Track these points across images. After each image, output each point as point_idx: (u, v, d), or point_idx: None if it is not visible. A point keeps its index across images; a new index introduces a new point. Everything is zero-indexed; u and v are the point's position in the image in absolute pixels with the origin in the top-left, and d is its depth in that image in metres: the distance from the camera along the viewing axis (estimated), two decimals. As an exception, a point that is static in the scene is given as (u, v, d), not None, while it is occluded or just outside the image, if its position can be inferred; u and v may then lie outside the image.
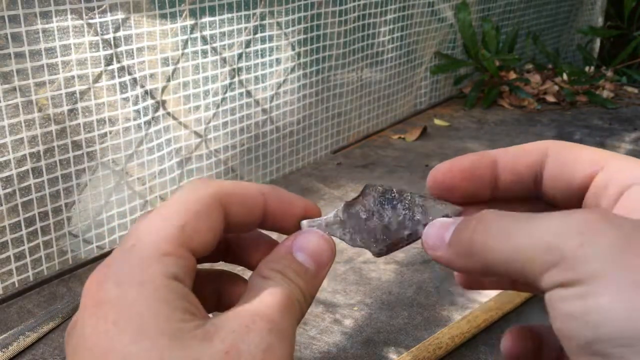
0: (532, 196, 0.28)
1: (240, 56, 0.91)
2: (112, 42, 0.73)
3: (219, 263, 0.32)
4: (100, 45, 0.71)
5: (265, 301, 0.25)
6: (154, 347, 0.21)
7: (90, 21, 0.70)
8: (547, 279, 0.21)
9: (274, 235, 0.32)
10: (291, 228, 0.30)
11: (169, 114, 0.83)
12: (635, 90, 1.63)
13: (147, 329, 0.21)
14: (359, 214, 0.29)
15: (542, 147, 0.27)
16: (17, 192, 0.67)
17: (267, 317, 0.24)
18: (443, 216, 0.28)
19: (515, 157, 0.28)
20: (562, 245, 0.21)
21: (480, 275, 0.26)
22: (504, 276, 0.24)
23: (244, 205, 0.27)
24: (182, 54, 0.82)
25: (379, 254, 0.29)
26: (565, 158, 0.27)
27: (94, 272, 0.24)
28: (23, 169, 0.68)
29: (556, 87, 1.55)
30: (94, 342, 0.22)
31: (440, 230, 0.26)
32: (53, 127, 0.69)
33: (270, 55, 0.95)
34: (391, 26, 1.22)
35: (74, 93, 0.70)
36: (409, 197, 0.28)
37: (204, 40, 0.84)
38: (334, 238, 0.29)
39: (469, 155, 0.28)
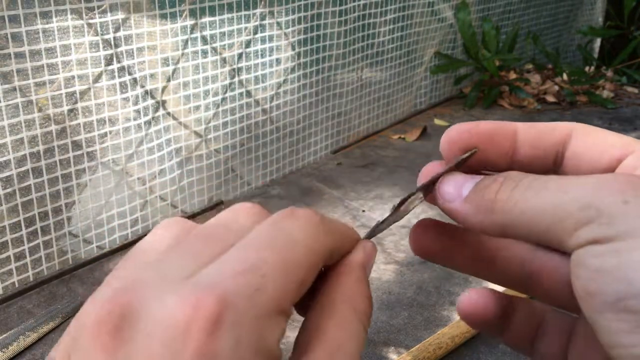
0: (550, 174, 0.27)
1: (240, 56, 0.91)
2: (112, 42, 0.73)
3: None
4: (101, 45, 0.71)
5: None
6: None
7: (91, 21, 0.70)
8: (579, 236, 0.21)
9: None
10: None
11: (169, 114, 0.83)
12: (635, 90, 1.63)
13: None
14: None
15: (568, 127, 0.27)
16: (17, 192, 0.67)
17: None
18: None
19: (540, 133, 0.27)
20: (600, 203, 0.21)
21: (495, 235, 0.24)
22: (521, 237, 0.23)
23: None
24: (182, 54, 0.82)
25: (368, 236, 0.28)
26: (592, 140, 0.26)
27: (204, 294, 0.19)
28: (23, 169, 0.68)
29: (556, 87, 1.55)
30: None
31: (457, 182, 0.25)
32: (53, 127, 0.69)
33: (270, 55, 0.95)
34: (391, 26, 1.22)
35: (74, 93, 0.70)
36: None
37: (204, 40, 0.84)
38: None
39: (490, 121, 0.27)
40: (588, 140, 0.26)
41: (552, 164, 0.27)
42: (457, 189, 0.25)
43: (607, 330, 0.20)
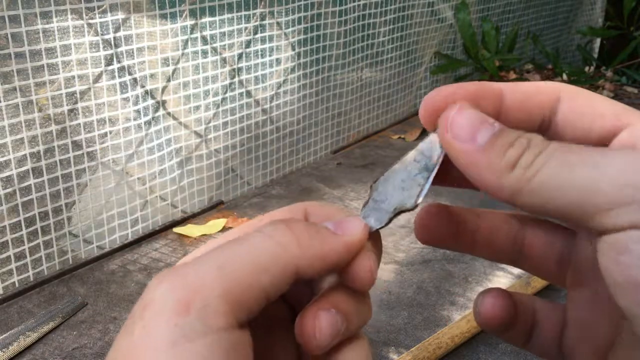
0: None
1: (240, 56, 0.91)
2: (112, 42, 0.73)
3: None
4: (101, 45, 0.71)
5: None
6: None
7: (91, 21, 0.70)
8: (618, 217, 0.19)
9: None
10: None
11: (169, 114, 0.83)
12: (635, 90, 1.63)
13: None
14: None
15: (555, 89, 0.25)
16: (18, 192, 0.68)
17: (171, 269, 0.21)
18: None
19: (526, 95, 0.25)
20: None
21: (501, 199, 0.22)
22: (533, 208, 0.21)
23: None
24: (182, 54, 0.82)
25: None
26: (581, 106, 0.25)
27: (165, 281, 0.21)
28: (23, 169, 0.68)
29: (556, 87, 1.55)
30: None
31: (473, 121, 0.23)
32: (53, 127, 0.69)
33: (270, 55, 0.95)
34: (391, 26, 1.22)
35: (74, 93, 0.70)
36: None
37: (204, 40, 0.84)
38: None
39: (470, 83, 0.25)
40: (577, 106, 0.25)
41: (538, 128, 0.25)
42: (472, 129, 0.23)
43: None
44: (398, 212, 0.25)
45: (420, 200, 0.25)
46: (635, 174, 0.19)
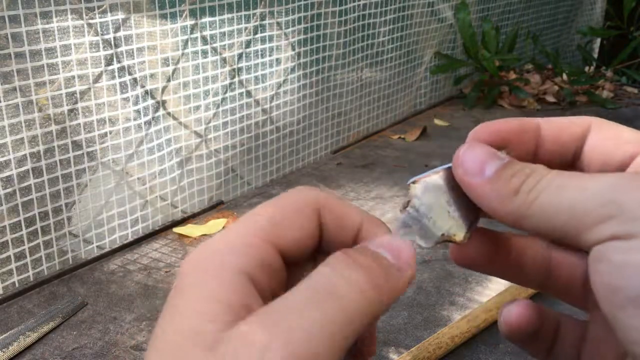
0: (569, 170, 0.26)
1: (240, 56, 0.91)
2: (112, 42, 0.73)
3: None
4: (101, 45, 0.71)
5: (291, 298, 0.21)
6: (178, 346, 0.20)
7: (91, 21, 0.70)
8: (600, 231, 0.21)
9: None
10: None
11: (169, 114, 0.83)
12: (635, 90, 1.63)
13: (185, 325, 0.21)
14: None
15: (586, 121, 0.27)
16: (18, 192, 0.68)
17: (272, 325, 0.20)
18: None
19: (560, 128, 0.27)
20: (621, 199, 0.21)
21: (508, 224, 0.24)
22: (536, 230, 0.23)
23: (340, 219, 0.25)
24: (182, 54, 0.82)
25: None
26: (607, 135, 0.26)
27: (194, 251, 0.23)
28: (23, 169, 0.68)
29: (556, 87, 1.55)
30: (159, 323, 0.22)
31: (482, 156, 0.24)
32: (53, 127, 0.69)
33: (270, 55, 0.95)
34: (391, 26, 1.22)
35: (74, 93, 0.70)
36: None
37: (204, 40, 0.84)
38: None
39: (513, 119, 0.27)
40: (604, 135, 0.27)
41: (572, 159, 0.27)
42: (481, 165, 0.24)
43: (628, 326, 0.20)
44: (446, 240, 0.26)
45: (469, 236, 0.26)
46: (617, 192, 0.21)
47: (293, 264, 0.25)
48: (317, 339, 0.19)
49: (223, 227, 0.84)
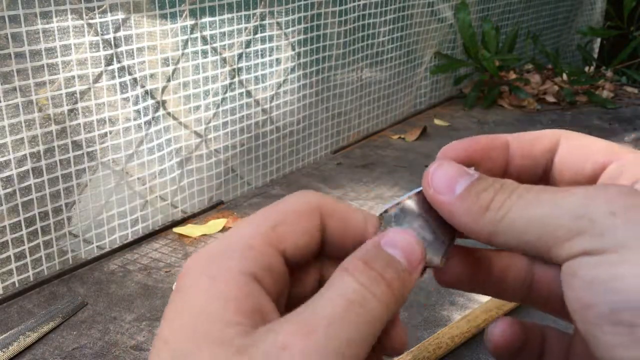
0: (541, 184, 0.27)
1: (240, 56, 0.91)
2: (112, 42, 0.73)
3: None
4: (101, 45, 0.71)
5: (321, 309, 0.21)
6: (195, 350, 0.20)
7: (91, 21, 0.70)
8: (571, 247, 0.21)
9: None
10: None
11: (169, 114, 0.83)
12: (635, 90, 1.63)
13: (199, 329, 0.21)
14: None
15: (556, 135, 0.27)
16: (17, 192, 0.68)
17: (311, 333, 0.20)
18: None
19: (530, 142, 0.27)
20: (591, 214, 0.21)
21: (480, 240, 0.24)
22: (508, 246, 0.23)
23: (343, 222, 0.25)
24: (182, 54, 0.82)
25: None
26: (577, 147, 0.26)
27: (195, 254, 0.23)
28: (23, 169, 0.68)
29: (556, 87, 1.55)
30: (162, 324, 0.22)
31: (451, 175, 0.24)
32: (53, 127, 0.69)
33: (270, 55, 0.95)
34: (391, 26, 1.22)
35: (74, 93, 0.70)
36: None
37: (204, 40, 0.84)
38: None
39: (482, 136, 0.27)
40: (573, 147, 0.26)
41: (542, 173, 0.27)
42: (450, 183, 0.24)
43: (602, 343, 0.20)
44: (425, 267, 0.26)
45: (446, 259, 0.26)
46: (587, 206, 0.21)
47: (296, 267, 0.25)
48: (347, 352, 0.20)
49: (223, 227, 0.84)
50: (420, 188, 0.26)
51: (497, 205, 0.23)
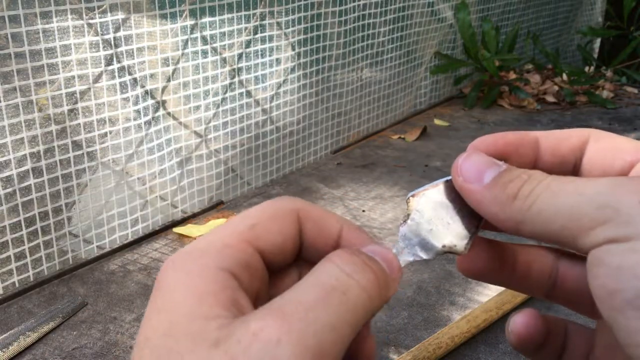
0: None
1: (240, 56, 0.91)
2: (112, 42, 0.73)
3: None
4: (101, 45, 0.71)
5: (301, 294, 0.21)
6: (175, 345, 0.21)
7: (91, 21, 0.70)
8: (597, 235, 0.21)
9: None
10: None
11: (169, 114, 0.83)
12: (635, 90, 1.63)
13: (178, 324, 0.21)
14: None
15: (585, 133, 0.28)
16: (18, 192, 0.68)
17: (287, 316, 0.20)
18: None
19: (559, 140, 0.28)
20: (617, 203, 0.21)
21: (507, 230, 0.24)
22: (535, 235, 0.23)
23: (318, 225, 0.25)
24: (182, 54, 0.82)
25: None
26: (606, 146, 0.27)
27: (174, 254, 0.24)
28: (23, 169, 0.68)
29: (556, 87, 1.55)
30: (143, 323, 0.22)
31: (480, 164, 0.25)
32: (53, 127, 0.69)
33: (270, 55, 0.95)
34: (391, 26, 1.22)
35: (74, 93, 0.70)
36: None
37: (204, 40, 0.84)
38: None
39: (511, 132, 0.28)
40: (602, 145, 0.27)
41: (571, 170, 0.28)
42: (479, 172, 0.25)
43: (626, 328, 0.20)
44: (447, 252, 0.26)
45: (470, 246, 0.26)
46: (613, 195, 0.21)
47: (276, 269, 0.25)
48: (327, 338, 0.20)
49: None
50: (449, 177, 0.26)
51: (525, 194, 0.23)
